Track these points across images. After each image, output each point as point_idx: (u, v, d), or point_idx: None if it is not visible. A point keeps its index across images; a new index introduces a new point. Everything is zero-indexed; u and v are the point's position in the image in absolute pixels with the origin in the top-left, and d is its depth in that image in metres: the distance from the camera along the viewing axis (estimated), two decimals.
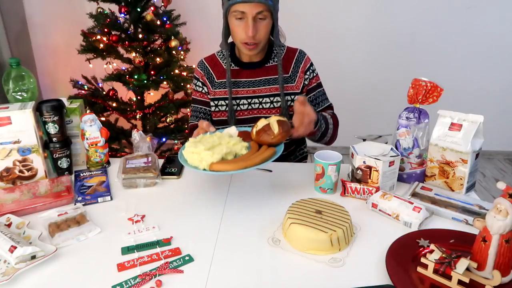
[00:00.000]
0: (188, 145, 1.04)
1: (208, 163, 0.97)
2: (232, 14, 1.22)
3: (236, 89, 1.37)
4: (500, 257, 0.73)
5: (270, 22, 1.25)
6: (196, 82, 1.42)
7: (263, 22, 1.23)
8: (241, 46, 1.28)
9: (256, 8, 1.18)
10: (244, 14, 1.20)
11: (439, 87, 1.11)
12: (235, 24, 1.23)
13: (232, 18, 1.23)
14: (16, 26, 2.73)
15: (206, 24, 2.90)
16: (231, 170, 0.95)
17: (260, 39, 1.25)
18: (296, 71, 1.37)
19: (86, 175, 1.22)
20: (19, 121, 1.11)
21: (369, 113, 3.18)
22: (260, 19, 1.22)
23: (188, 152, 1.02)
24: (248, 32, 1.21)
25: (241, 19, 1.21)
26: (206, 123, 1.16)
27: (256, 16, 1.20)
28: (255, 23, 1.21)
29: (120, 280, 0.78)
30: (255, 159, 0.98)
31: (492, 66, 3.03)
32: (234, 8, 1.19)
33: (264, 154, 1.00)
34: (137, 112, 2.49)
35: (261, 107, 1.36)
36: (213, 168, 0.96)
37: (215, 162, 0.97)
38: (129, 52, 2.41)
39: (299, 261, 0.85)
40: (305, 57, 1.39)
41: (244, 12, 1.19)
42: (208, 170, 0.97)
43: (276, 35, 1.29)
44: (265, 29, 1.24)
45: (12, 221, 0.96)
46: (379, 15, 2.96)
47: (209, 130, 1.15)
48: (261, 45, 1.28)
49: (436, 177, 1.13)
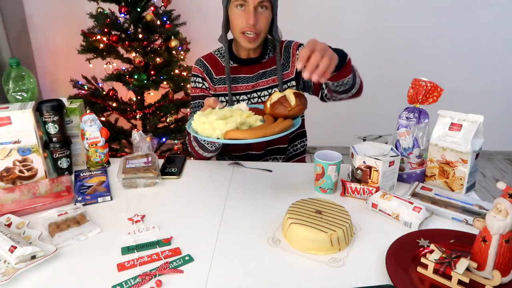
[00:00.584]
0: (197, 117, 0.94)
1: (222, 132, 0.88)
2: (233, 3, 1.23)
3: (235, 85, 1.38)
4: (500, 257, 0.73)
5: (270, 15, 1.26)
6: (196, 79, 1.42)
7: (264, 12, 1.24)
8: (241, 37, 1.28)
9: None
10: (245, 3, 1.21)
11: (439, 87, 1.11)
12: (236, 13, 1.24)
13: (233, 8, 1.24)
14: (16, 26, 2.73)
15: (206, 24, 2.90)
16: (249, 138, 0.85)
17: (261, 30, 1.26)
18: (288, 57, 1.38)
19: (86, 175, 1.22)
20: (19, 121, 1.11)
21: (369, 113, 3.17)
22: (261, 9, 1.23)
23: (198, 123, 0.92)
24: (249, 20, 1.21)
25: (242, 8, 1.23)
26: (213, 99, 1.06)
27: (258, 5, 1.21)
28: (256, 12, 1.22)
29: (120, 280, 0.78)
30: (274, 128, 0.88)
31: (492, 66, 3.03)
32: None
33: (282, 124, 0.90)
34: (137, 112, 2.49)
35: (260, 100, 1.38)
36: (229, 136, 0.86)
37: (231, 130, 0.87)
38: (129, 52, 2.41)
39: (299, 261, 0.85)
40: (292, 43, 1.40)
41: (246, 1, 1.21)
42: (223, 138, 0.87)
43: (275, 28, 1.31)
44: (265, 20, 1.25)
45: (12, 221, 0.96)
46: (379, 15, 2.96)
47: (215, 106, 1.05)
48: (260, 37, 1.28)
49: (436, 177, 1.13)
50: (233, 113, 0.96)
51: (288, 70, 1.38)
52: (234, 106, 1.07)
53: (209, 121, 0.91)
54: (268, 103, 1.03)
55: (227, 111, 0.96)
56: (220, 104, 1.05)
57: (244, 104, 1.07)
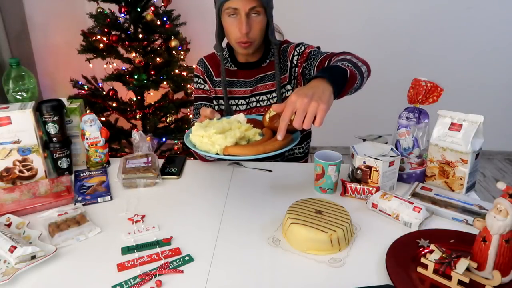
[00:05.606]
0: (195, 129, 0.93)
1: (221, 147, 0.86)
2: (225, 12, 1.20)
3: (233, 89, 1.37)
4: (500, 257, 0.73)
5: (264, 19, 1.22)
6: (197, 80, 1.43)
7: (257, 18, 1.20)
8: (236, 45, 1.26)
9: (249, 3, 1.16)
10: (236, 11, 1.17)
11: (439, 87, 1.11)
12: (228, 22, 1.21)
13: (225, 16, 1.21)
14: (16, 26, 2.73)
15: (206, 24, 2.89)
16: (249, 155, 0.84)
17: (254, 37, 1.22)
18: (285, 61, 1.33)
19: (86, 175, 1.22)
20: (19, 121, 1.11)
21: (369, 113, 3.17)
22: (254, 15, 1.19)
23: (196, 136, 0.91)
24: (241, 29, 1.18)
25: (234, 16, 1.19)
26: (210, 110, 1.04)
27: (250, 12, 1.17)
28: (248, 19, 1.18)
29: (120, 280, 0.78)
30: (274, 144, 0.86)
31: (492, 66, 3.04)
32: (227, 5, 1.17)
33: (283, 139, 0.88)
34: (137, 112, 2.49)
35: (258, 105, 1.36)
36: (228, 152, 0.85)
37: (230, 146, 0.86)
38: (129, 52, 2.41)
39: (299, 261, 0.84)
40: (289, 46, 1.34)
41: (236, 9, 1.17)
42: (222, 154, 0.86)
43: (271, 32, 1.26)
44: (259, 26, 1.21)
45: (12, 221, 0.96)
46: (379, 15, 2.96)
47: (213, 117, 1.03)
48: (255, 43, 1.25)
49: (436, 177, 1.13)
50: (231, 125, 0.94)
51: (285, 74, 1.34)
52: (232, 117, 1.03)
53: (208, 135, 0.89)
54: (267, 116, 1.01)
55: (225, 123, 0.95)
56: (217, 115, 1.04)
57: (242, 115, 1.04)
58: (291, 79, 1.34)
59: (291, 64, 1.33)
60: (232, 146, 0.86)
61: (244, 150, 0.85)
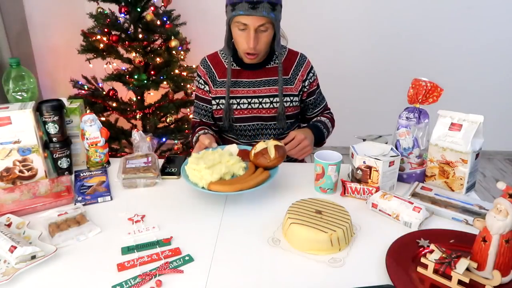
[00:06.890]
0: (190, 161, 1.10)
1: (207, 182, 1.04)
2: (235, 24, 1.25)
3: (236, 89, 1.38)
4: (500, 257, 0.73)
5: (271, 33, 1.28)
6: (199, 80, 1.45)
7: (265, 33, 1.26)
8: (243, 55, 1.31)
9: (259, 21, 1.21)
10: (246, 26, 1.22)
11: (439, 87, 1.11)
12: (237, 34, 1.26)
13: (235, 28, 1.26)
14: (16, 26, 2.73)
15: (206, 24, 2.90)
16: (228, 191, 1.02)
17: (261, 49, 1.29)
18: (296, 74, 1.39)
19: (86, 175, 1.22)
20: (19, 121, 1.11)
21: (369, 113, 3.17)
22: (262, 31, 1.24)
23: (190, 168, 1.09)
24: (249, 44, 1.24)
25: (243, 30, 1.24)
26: (208, 141, 1.19)
27: (258, 28, 1.22)
28: (256, 34, 1.24)
29: (120, 280, 0.78)
30: (250, 182, 1.04)
31: (492, 66, 3.03)
32: (237, 19, 1.22)
33: (258, 178, 1.06)
34: (137, 112, 2.49)
35: (261, 107, 1.37)
36: (210, 187, 1.03)
37: (213, 182, 1.04)
38: (129, 52, 2.41)
39: (299, 261, 0.85)
40: (305, 61, 1.41)
41: (246, 24, 1.22)
42: (207, 189, 1.04)
43: (277, 42, 1.31)
44: (266, 39, 1.27)
45: (12, 221, 0.96)
46: (380, 15, 2.96)
47: (211, 147, 1.19)
48: (261, 55, 1.32)
49: (436, 177, 1.13)
50: (221, 158, 1.11)
51: (292, 86, 1.39)
52: (226, 147, 1.20)
53: (198, 169, 1.06)
54: (252, 152, 1.14)
55: (217, 156, 1.11)
56: (214, 144, 1.20)
57: (235, 146, 1.21)
58: (299, 93, 1.41)
59: (303, 79, 1.41)
60: (215, 182, 1.04)
61: (224, 187, 1.02)
